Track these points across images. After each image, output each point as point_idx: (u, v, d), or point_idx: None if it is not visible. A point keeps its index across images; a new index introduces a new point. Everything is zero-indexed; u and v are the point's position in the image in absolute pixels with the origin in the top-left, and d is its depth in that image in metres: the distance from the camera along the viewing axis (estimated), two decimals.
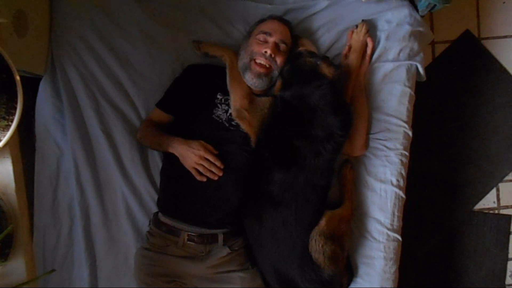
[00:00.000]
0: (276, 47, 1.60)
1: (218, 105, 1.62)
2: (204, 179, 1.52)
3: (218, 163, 1.52)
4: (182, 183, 1.57)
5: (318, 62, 1.58)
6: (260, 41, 1.60)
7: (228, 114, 1.60)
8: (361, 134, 1.67)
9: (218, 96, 1.63)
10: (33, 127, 1.66)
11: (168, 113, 1.66)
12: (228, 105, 1.61)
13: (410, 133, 1.70)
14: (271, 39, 1.60)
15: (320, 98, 1.52)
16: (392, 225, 1.67)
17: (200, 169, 1.51)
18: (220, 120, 1.60)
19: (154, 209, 1.69)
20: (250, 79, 1.60)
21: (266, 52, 1.58)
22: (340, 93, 1.60)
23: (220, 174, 1.52)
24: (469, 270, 2.29)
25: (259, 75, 1.58)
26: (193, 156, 1.51)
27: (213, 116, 1.61)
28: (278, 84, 1.60)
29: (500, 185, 2.29)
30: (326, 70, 1.57)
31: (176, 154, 1.54)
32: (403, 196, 1.69)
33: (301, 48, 1.66)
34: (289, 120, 1.55)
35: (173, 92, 1.67)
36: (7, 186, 1.30)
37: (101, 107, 1.67)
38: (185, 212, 1.58)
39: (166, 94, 1.68)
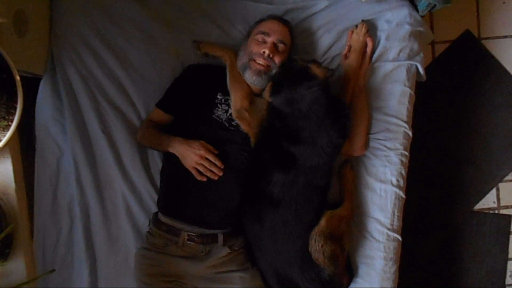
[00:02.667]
0: (274, 47, 1.59)
1: (218, 105, 1.62)
2: (204, 179, 1.52)
3: (218, 163, 1.52)
4: (182, 183, 1.57)
5: (309, 64, 1.56)
6: (259, 41, 1.60)
7: (228, 114, 1.60)
8: (361, 134, 1.67)
9: (218, 96, 1.63)
10: (33, 127, 1.66)
11: (168, 113, 1.66)
12: (228, 105, 1.61)
13: (410, 133, 1.70)
14: (269, 39, 1.60)
15: (313, 102, 1.49)
16: (392, 225, 1.67)
17: (201, 168, 1.51)
18: (220, 120, 1.60)
19: (154, 209, 1.69)
20: (250, 77, 1.60)
21: (264, 52, 1.57)
22: (334, 93, 1.59)
23: (220, 174, 1.52)
24: (469, 270, 2.29)
25: (258, 73, 1.58)
26: (194, 156, 1.51)
27: (213, 116, 1.60)
28: (268, 87, 1.57)
29: (500, 185, 2.29)
30: (317, 71, 1.54)
31: (177, 154, 1.54)
32: (403, 196, 1.69)
33: (295, 56, 1.66)
34: (284, 129, 1.53)
35: (173, 92, 1.67)
36: (7, 186, 1.30)
37: (101, 107, 1.67)
38: (185, 212, 1.58)
39: (166, 94, 1.68)
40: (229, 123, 1.60)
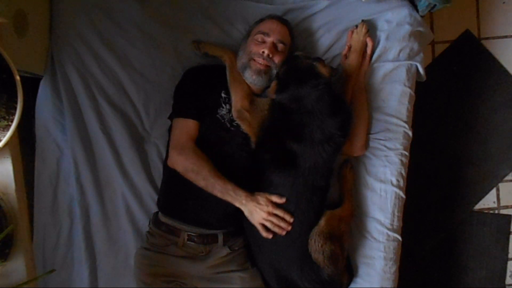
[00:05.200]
0: (274, 47, 1.59)
1: (223, 104, 1.61)
2: (270, 236, 1.50)
3: (287, 217, 1.50)
4: (182, 184, 1.57)
5: (314, 63, 1.58)
6: (258, 41, 1.60)
7: (230, 115, 1.60)
8: (361, 134, 1.67)
9: (222, 95, 1.62)
10: (33, 127, 1.66)
11: (198, 120, 1.58)
12: (231, 104, 1.60)
13: (410, 133, 1.70)
14: (269, 39, 1.59)
15: (317, 100, 1.51)
16: (392, 225, 1.67)
17: (268, 225, 1.49)
18: (223, 120, 1.59)
19: (154, 209, 1.69)
20: (249, 77, 1.60)
21: (263, 52, 1.57)
22: (337, 93, 1.60)
23: (289, 229, 1.50)
24: (469, 270, 2.30)
25: (258, 72, 1.58)
26: (262, 213, 1.48)
27: (217, 115, 1.59)
28: (273, 85, 1.58)
29: (500, 185, 2.29)
30: (323, 70, 1.57)
31: (243, 210, 1.51)
32: (403, 196, 1.69)
33: (297, 52, 1.66)
34: (287, 124, 1.54)
35: (186, 97, 1.62)
36: (7, 186, 1.30)
37: (101, 107, 1.67)
38: (185, 212, 1.57)
39: (181, 102, 1.62)
40: (231, 123, 1.60)
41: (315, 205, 1.55)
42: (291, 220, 1.50)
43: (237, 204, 1.51)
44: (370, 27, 1.70)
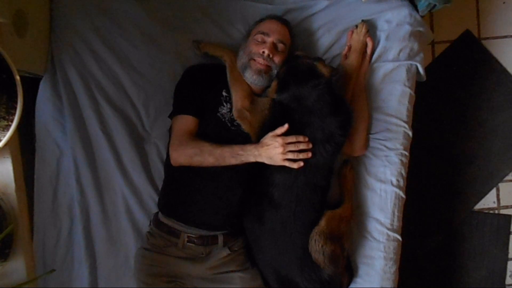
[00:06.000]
0: (274, 47, 1.59)
1: (224, 103, 1.61)
2: (302, 164, 1.46)
3: (301, 139, 1.46)
4: (183, 185, 1.57)
5: (315, 63, 1.58)
6: (258, 41, 1.60)
7: (231, 114, 1.60)
8: (361, 134, 1.67)
9: (223, 93, 1.62)
10: (33, 127, 1.66)
11: (197, 117, 1.59)
12: (232, 103, 1.60)
13: (410, 133, 1.70)
14: (269, 39, 1.59)
15: (318, 99, 1.51)
16: (392, 225, 1.67)
17: (290, 155, 1.45)
18: (224, 119, 1.59)
19: (154, 209, 1.69)
20: (250, 77, 1.59)
21: (264, 52, 1.57)
22: (337, 92, 1.60)
23: (310, 146, 1.47)
24: (469, 270, 2.30)
25: (259, 72, 1.58)
26: (277, 149, 1.45)
27: (218, 114, 1.59)
28: (274, 85, 1.59)
29: (500, 185, 2.29)
30: (324, 70, 1.57)
31: (263, 159, 1.48)
32: (403, 196, 1.69)
33: (298, 52, 1.66)
34: (288, 124, 1.54)
35: (186, 95, 1.62)
36: (7, 186, 1.30)
37: (101, 107, 1.67)
38: (185, 213, 1.57)
39: (181, 100, 1.62)
40: (231, 123, 1.59)
41: (315, 205, 1.55)
42: (306, 139, 1.47)
43: (252, 159, 1.48)
44: (370, 27, 1.70)
